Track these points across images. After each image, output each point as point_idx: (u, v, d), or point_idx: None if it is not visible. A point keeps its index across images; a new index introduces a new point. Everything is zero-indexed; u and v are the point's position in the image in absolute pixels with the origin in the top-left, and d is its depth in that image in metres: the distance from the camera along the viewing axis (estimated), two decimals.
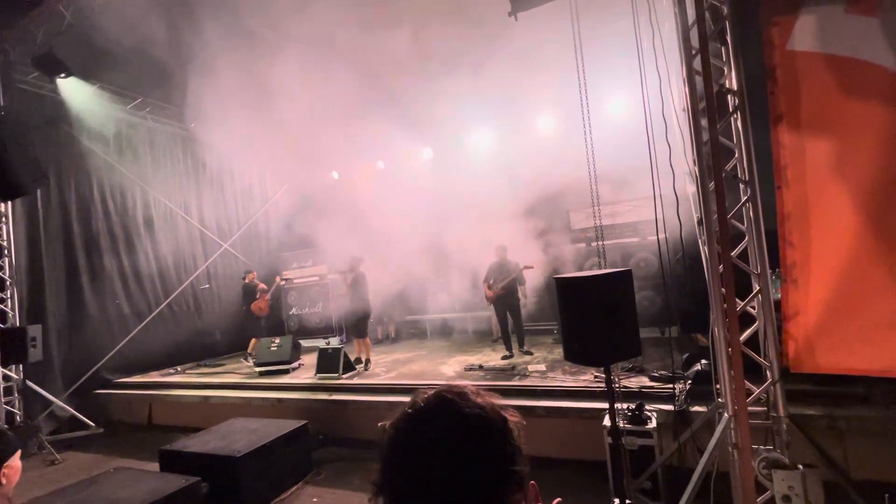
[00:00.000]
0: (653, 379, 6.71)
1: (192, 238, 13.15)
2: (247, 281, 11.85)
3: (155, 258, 12.22)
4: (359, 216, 11.52)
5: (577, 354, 4.33)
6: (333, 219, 11.95)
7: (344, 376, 8.81)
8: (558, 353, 9.06)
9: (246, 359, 11.40)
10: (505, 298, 9.65)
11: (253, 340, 11.53)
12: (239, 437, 6.61)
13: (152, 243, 12.22)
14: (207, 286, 13.04)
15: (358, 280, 10.01)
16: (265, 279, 12.63)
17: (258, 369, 9.95)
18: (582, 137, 5.84)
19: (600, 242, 6.25)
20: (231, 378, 9.85)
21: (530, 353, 9.38)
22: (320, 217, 12.35)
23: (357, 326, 9.92)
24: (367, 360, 9.67)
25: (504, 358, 9.23)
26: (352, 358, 9.63)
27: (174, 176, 13.03)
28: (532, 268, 9.68)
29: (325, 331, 13.59)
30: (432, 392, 1.74)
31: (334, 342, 11.56)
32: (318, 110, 9.98)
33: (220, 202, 14.09)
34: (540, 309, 11.64)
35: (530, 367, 8.08)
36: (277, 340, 10.37)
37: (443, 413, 1.67)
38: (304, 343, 12.26)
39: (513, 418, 1.70)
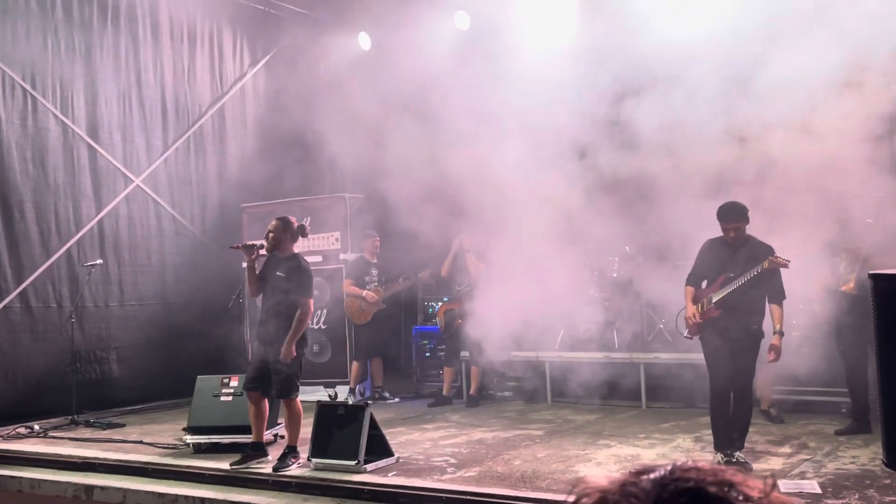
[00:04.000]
0: None
1: (73, 164, 9.53)
2: (367, 256, 9.77)
3: None
4: (410, 128, 8.68)
5: None
6: (358, 132, 9.03)
7: (368, 468, 6.50)
8: (856, 453, 6.50)
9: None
10: (727, 324, 6.14)
11: (355, 365, 9.68)
12: None
13: None
14: (101, 262, 9.52)
15: (292, 268, 6.88)
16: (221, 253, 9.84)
17: (191, 440, 7.65)
18: None
19: None
20: (137, 453, 7.87)
21: (746, 466, 6.01)
22: (332, 129, 9.21)
23: (281, 374, 6.69)
24: (292, 449, 6.73)
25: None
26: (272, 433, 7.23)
27: (34, 30, 8.94)
28: (785, 264, 6.19)
29: (330, 370, 10.26)
30: (676, 488, 0.95)
31: (345, 393, 9.10)
32: None
33: (133, 91, 9.92)
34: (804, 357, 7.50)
35: (784, 485, 5.71)
36: (233, 382, 7.75)
37: None
38: None
39: None
